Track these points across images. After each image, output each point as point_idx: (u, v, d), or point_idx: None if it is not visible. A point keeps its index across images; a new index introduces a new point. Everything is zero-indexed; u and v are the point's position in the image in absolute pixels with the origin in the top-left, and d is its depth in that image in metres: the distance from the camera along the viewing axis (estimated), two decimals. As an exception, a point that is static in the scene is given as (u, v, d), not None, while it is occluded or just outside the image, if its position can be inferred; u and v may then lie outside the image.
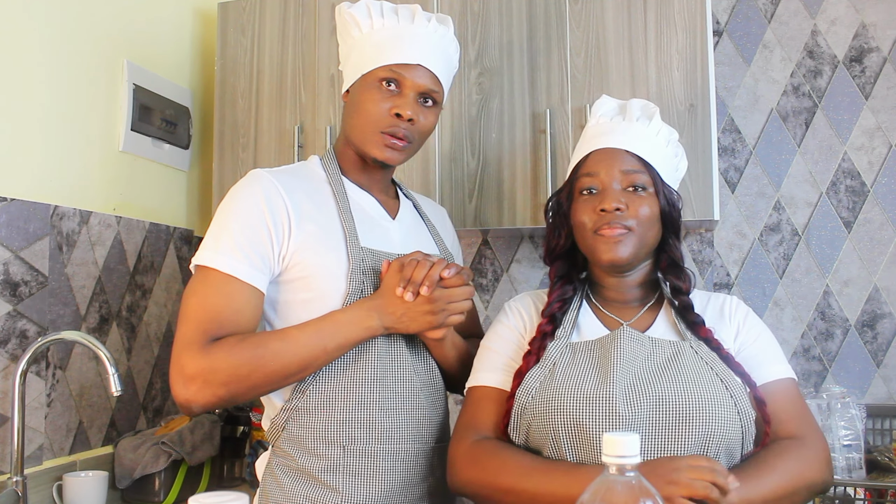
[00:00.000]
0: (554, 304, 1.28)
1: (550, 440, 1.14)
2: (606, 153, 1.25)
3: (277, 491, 1.25)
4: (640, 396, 1.13)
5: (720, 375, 1.16)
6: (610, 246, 1.20)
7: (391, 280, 1.23)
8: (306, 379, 1.25)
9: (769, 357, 1.23)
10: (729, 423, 1.12)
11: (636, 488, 0.72)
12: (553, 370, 1.19)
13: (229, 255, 1.19)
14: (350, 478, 1.23)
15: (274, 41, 2.06)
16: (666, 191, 1.25)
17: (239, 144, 2.07)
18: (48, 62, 1.73)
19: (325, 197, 1.32)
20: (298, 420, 1.25)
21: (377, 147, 1.30)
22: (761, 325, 1.28)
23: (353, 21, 1.33)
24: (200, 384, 1.15)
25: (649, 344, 1.20)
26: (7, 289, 1.60)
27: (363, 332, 1.22)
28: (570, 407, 1.13)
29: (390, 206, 1.41)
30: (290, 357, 1.18)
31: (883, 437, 1.78)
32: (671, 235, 1.27)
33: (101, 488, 1.70)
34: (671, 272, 1.27)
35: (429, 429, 1.32)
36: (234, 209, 1.24)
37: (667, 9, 1.75)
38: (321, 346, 1.19)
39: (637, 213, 1.20)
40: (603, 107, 1.32)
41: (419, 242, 1.40)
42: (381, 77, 1.29)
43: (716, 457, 1.13)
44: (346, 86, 1.36)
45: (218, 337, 1.17)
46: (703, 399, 1.12)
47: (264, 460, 1.31)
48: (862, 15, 1.96)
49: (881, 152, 1.93)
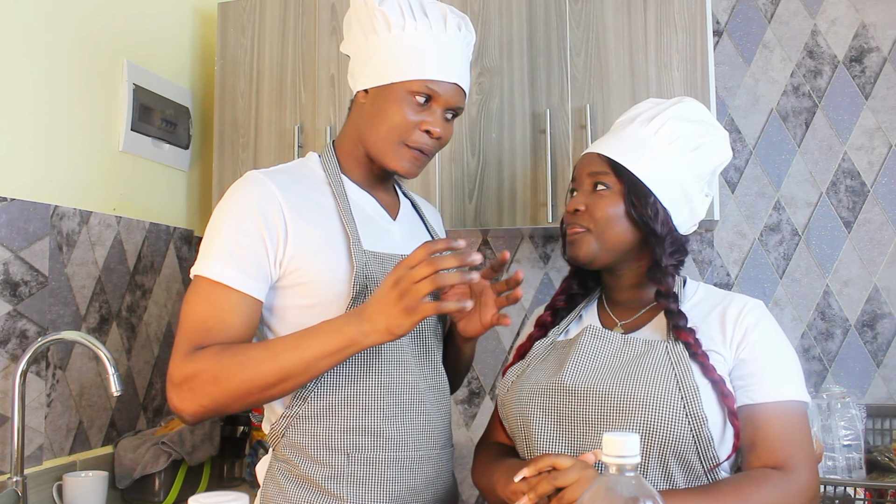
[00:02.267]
0: (557, 299, 1.33)
1: (517, 431, 1.23)
2: (584, 158, 1.29)
3: (279, 496, 1.23)
4: (584, 390, 1.16)
5: (679, 377, 1.13)
6: (570, 246, 1.26)
7: (381, 289, 1.12)
8: (307, 386, 1.21)
9: (773, 376, 1.16)
10: (673, 424, 1.10)
11: (636, 488, 0.72)
12: (528, 365, 1.26)
13: (220, 263, 1.17)
14: (355, 486, 1.21)
15: (274, 41, 2.06)
16: (634, 190, 1.22)
17: (239, 144, 2.07)
18: (48, 62, 1.73)
19: (324, 198, 1.28)
20: (300, 427, 1.22)
21: (398, 159, 1.26)
22: (776, 340, 1.21)
23: (384, 18, 1.24)
24: (186, 392, 1.14)
25: (619, 342, 1.21)
26: (7, 289, 1.60)
27: (339, 339, 1.12)
28: (527, 398, 1.21)
29: (391, 207, 1.37)
30: (269, 366, 1.12)
31: (883, 437, 1.78)
32: (651, 235, 1.23)
33: (101, 488, 1.70)
34: (652, 273, 1.25)
35: (435, 434, 1.30)
36: (227, 215, 1.21)
37: (667, 9, 1.75)
38: (299, 356, 1.12)
39: (594, 213, 1.23)
40: (631, 111, 1.32)
41: (419, 243, 1.38)
42: (413, 90, 1.23)
43: (659, 458, 1.11)
44: (366, 85, 1.27)
45: (205, 345, 1.15)
46: (646, 398, 1.11)
47: (265, 463, 1.29)
48: (862, 15, 1.96)
49: (881, 152, 1.93)
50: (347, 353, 1.13)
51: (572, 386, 1.17)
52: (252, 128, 2.06)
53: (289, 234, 1.20)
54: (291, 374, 1.13)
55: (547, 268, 2.13)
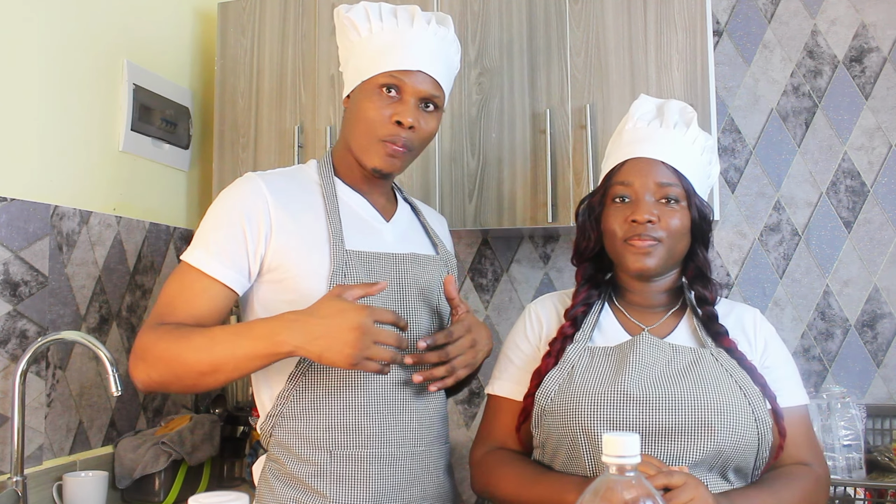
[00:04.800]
0: (578, 308, 1.29)
1: (568, 441, 1.18)
2: (642, 163, 1.24)
3: (269, 495, 1.25)
4: (658, 399, 1.15)
5: (739, 383, 1.18)
6: (639, 257, 1.22)
7: (329, 301, 1.13)
8: (289, 383, 1.24)
9: (791, 384, 1.26)
10: (745, 428, 1.15)
11: (636, 488, 0.72)
12: (572, 373, 1.21)
13: (199, 251, 1.24)
14: (338, 484, 1.23)
15: (274, 41, 2.06)
16: (698, 202, 1.25)
17: (239, 144, 2.07)
18: (48, 62, 1.73)
19: (313, 198, 1.31)
20: (285, 426, 1.25)
21: (376, 156, 1.29)
22: (784, 347, 1.31)
23: (352, 25, 1.31)
24: (139, 361, 1.19)
25: (669, 350, 1.22)
26: (7, 289, 1.60)
27: (270, 347, 1.12)
28: (588, 408, 1.16)
29: (385, 209, 1.39)
30: (204, 355, 1.15)
31: (883, 437, 1.78)
32: (700, 246, 1.27)
33: (101, 488, 1.70)
34: (698, 282, 1.28)
35: (418, 431, 1.29)
36: (214, 209, 1.28)
37: (667, 9, 1.75)
38: (230, 352, 1.14)
39: (668, 225, 1.21)
40: (640, 108, 1.31)
41: (414, 244, 1.39)
42: (381, 83, 1.27)
43: (728, 460, 1.15)
44: (347, 91, 1.34)
45: (168, 322, 1.20)
46: (721, 403, 1.14)
47: (260, 465, 1.32)
48: (862, 15, 1.96)
49: (881, 152, 1.93)
50: (277, 359, 1.16)
51: (641, 395, 1.15)
52: (252, 128, 2.06)
53: (273, 231, 1.25)
54: (221, 368, 1.16)
55: (547, 268, 2.13)
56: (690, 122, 1.27)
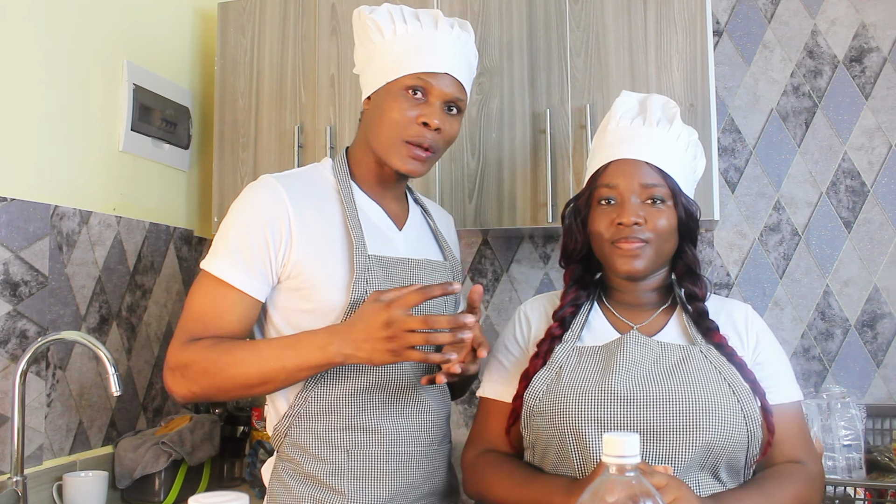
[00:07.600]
0: (566, 308, 1.29)
1: (557, 441, 1.18)
2: (626, 164, 1.24)
3: (285, 495, 1.26)
4: (645, 397, 1.15)
5: (728, 380, 1.17)
6: (627, 259, 1.22)
7: (367, 306, 1.16)
8: (307, 385, 1.25)
9: (784, 379, 1.26)
10: (734, 426, 1.14)
11: (636, 488, 0.72)
12: (560, 373, 1.21)
13: (223, 261, 1.24)
14: (356, 482, 1.24)
15: (274, 41, 2.06)
16: (684, 201, 1.25)
17: (239, 144, 2.07)
18: (48, 62, 1.73)
19: (331, 204, 1.31)
20: (301, 426, 1.26)
21: (401, 158, 1.28)
22: (776, 342, 1.30)
23: (375, 26, 1.29)
24: (179, 377, 1.21)
25: (658, 348, 1.21)
26: (7, 289, 1.60)
27: (321, 357, 1.17)
28: (575, 407, 1.16)
29: (398, 217, 1.39)
30: (252, 368, 1.19)
31: (883, 437, 1.78)
32: (688, 243, 1.27)
33: (101, 488, 1.70)
34: (687, 279, 1.28)
35: (432, 430, 1.32)
36: (236, 215, 1.27)
37: (667, 9, 1.75)
38: (280, 364, 1.18)
39: (655, 226, 1.21)
40: (623, 106, 1.30)
41: (425, 251, 1.39)
42: (407, 85, 1.26)
43: (718, 459, 1.14)
44: (368, 92, 1.33)
45: (201, 337, 1.21)
46: (709, 401, 1.14)
47: (270, 465, 1.32)
48: (862, 15, 1.96)
49: (881, 152, 1.93)
50: (326, 368, 1.20)
51: (629, 394, 1.15)
52: (252, 128, 2.06)
53: (293, 241, 1.24)
54: (271, 380, 1.20)
55: (547, 268, 2.13)
56: (673, 119, 1.27)
